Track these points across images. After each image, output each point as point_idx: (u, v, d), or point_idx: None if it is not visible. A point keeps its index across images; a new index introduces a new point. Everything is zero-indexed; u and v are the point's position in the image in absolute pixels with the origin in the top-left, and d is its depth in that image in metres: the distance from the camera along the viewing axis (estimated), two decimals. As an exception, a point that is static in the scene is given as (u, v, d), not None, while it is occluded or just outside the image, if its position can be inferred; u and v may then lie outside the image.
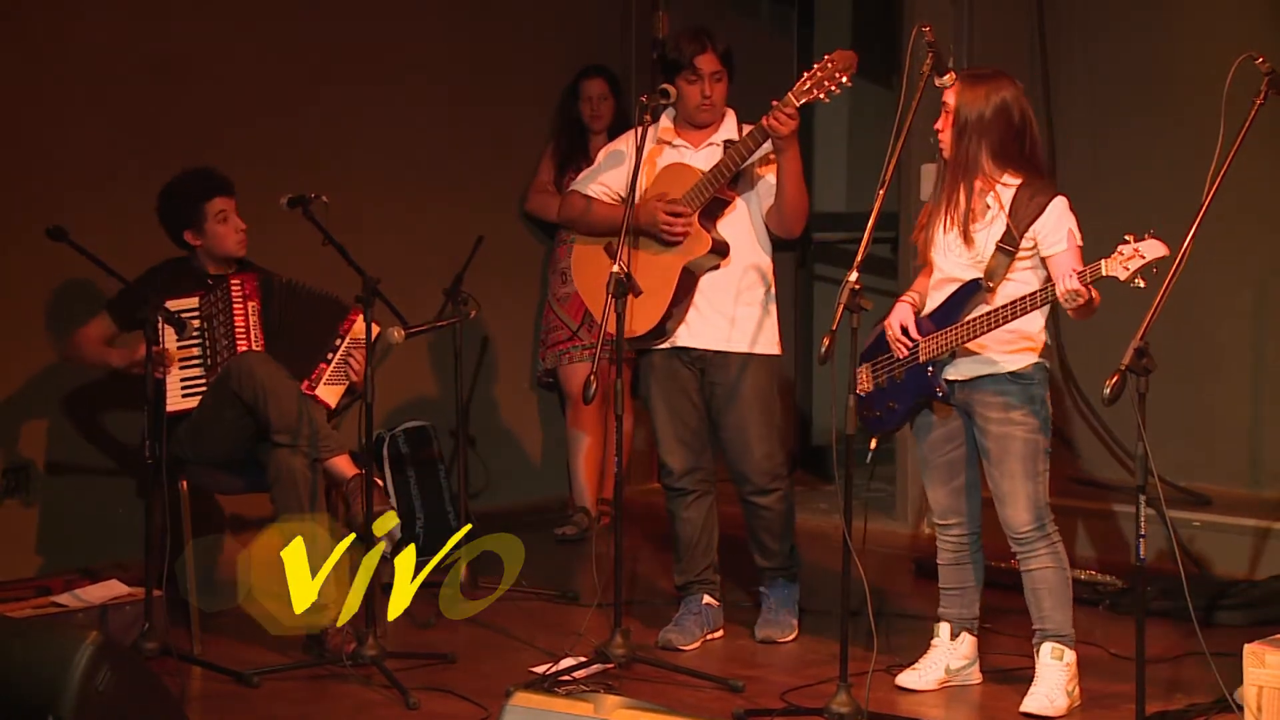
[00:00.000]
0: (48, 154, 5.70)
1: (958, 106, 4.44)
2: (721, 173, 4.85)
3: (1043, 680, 4.50)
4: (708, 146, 5.02)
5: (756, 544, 5.17)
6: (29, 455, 5.73)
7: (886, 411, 4.63)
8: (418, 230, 6.70)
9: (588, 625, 4.97)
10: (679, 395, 5.09)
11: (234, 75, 6.17)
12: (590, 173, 5.19)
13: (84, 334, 5.26)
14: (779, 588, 5.19)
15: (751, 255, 5.02)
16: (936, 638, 4.73)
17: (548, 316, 6.90)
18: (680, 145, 5.04)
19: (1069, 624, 4.53)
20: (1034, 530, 4.48)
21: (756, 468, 5.04)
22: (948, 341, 4.46)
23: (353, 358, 5.24)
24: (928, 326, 4.51)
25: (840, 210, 8.14)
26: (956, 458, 4.61)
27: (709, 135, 5.04)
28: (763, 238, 5.04)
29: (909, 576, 6.05)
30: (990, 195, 4.44)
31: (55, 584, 5.26)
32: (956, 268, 4.49)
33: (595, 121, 6.84)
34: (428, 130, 6.78)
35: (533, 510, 7.05)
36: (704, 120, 5.03)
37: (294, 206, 4.94)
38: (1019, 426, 4.46)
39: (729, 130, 5.03)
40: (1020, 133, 4.43)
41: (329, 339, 5.25)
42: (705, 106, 4.99)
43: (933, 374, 4.51)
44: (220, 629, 5.28)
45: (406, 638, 5.22)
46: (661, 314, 4.96)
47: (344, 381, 5.26)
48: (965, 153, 4.43)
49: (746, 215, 5.01)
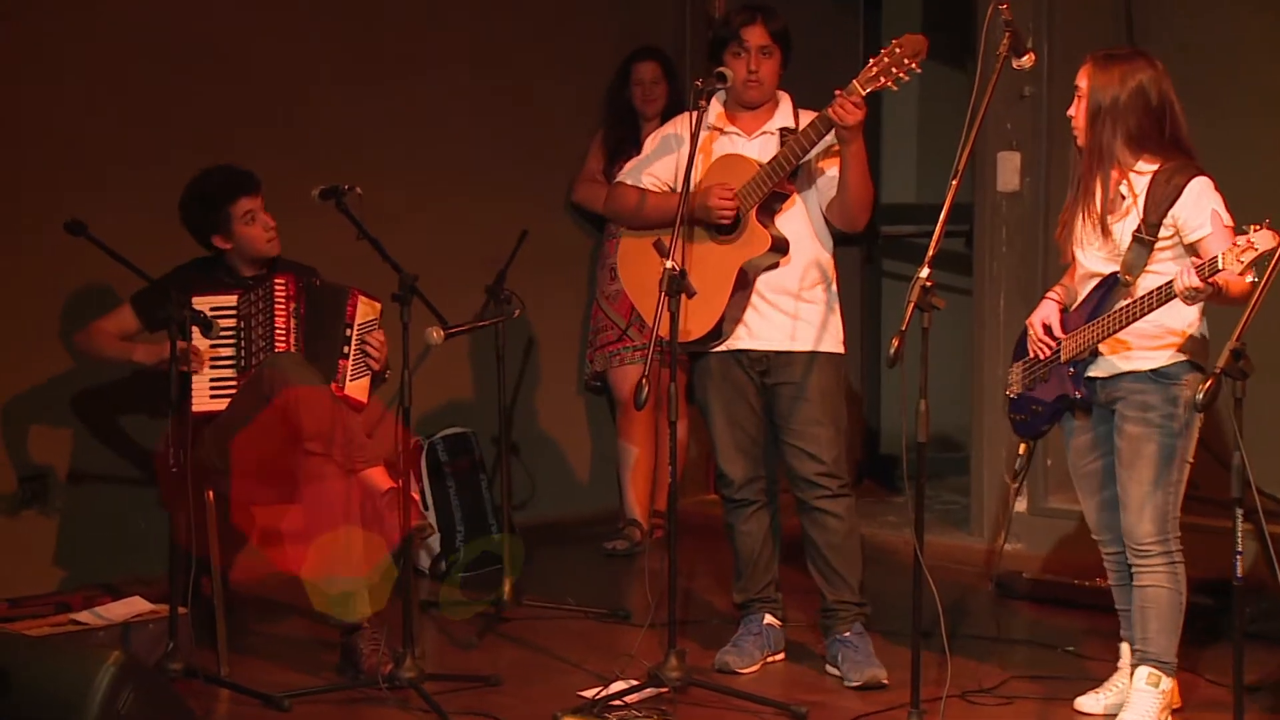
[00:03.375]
0: (65, 146, 5.76)
1: (1090, 90, 4.41)
2: (781, 166, 4.83)
3: (1134, 707, 4.46)
4: (761, 135, 5.00)
5: (822, 568, 5.08)
6: (46, 463, 5.78)
7: (1031, 415, 4.63)
8: (458, 224, 6.72)
9: (640, 646, 4.96)
10: (737, 400, 5.08)
11: (260, 63, 6.21)
12: (639, 162, 5.18)
13: (101, 326, 5.29)
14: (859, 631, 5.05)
15: (812, 251, 5.00)
16: (1121, 660, 4.69)
17: (596, 316, 6.91)
18: (732, 132, 5.02)
19: (1172, 651, 4.48)
20: (1155, 543, 4.44)
21: (824, 474, 5.01)
22: (1085, 340, 4.44)
23: (368, 344, 5.25)
24: (1072, 324, 4.51)
25: (910, 202, 8.11)
26: (1103, 466, 4.56)
27: (762, 122, 5.02)
28: (823, 233, 5.03)
29: (986, 596, 6.02)
30: (1124, 184, 4.41)
31: (75, 600, 5.30)
32: (1096, 262, 4.46)
33: (647, 107, 6.84)
34: (469, 118, 6.80)
35: (580, 523, 7.06)
36: (751, 99, 5.00)
37: (326, 199, 4.96)
38: (1156, 429, 4.40)
39: (784, 117, 5.01)
40: (1159, 116, 4.39)
41: (340, 330, 5.26)
42: (751, 83, 4.97)
43: (1073, 375, 4.50)
44: (249, 649, 5.31)
45: (446, 659, 5.24)
46: (718, 315, 4.95)
47: (367, 372, 5.27)
48: (1099, 140, 4.40)
49: (805, 210, 4.99)
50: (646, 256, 4.90)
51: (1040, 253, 6.27)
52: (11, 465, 5.70)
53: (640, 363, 6.58)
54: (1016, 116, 6.30)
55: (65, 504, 5.80)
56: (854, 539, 5.07)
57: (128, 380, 5.71)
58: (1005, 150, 6.31)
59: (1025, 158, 6.30)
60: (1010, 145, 6.33)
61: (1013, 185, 6.35)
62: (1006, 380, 4.72)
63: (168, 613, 4.91)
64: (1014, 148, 6.32)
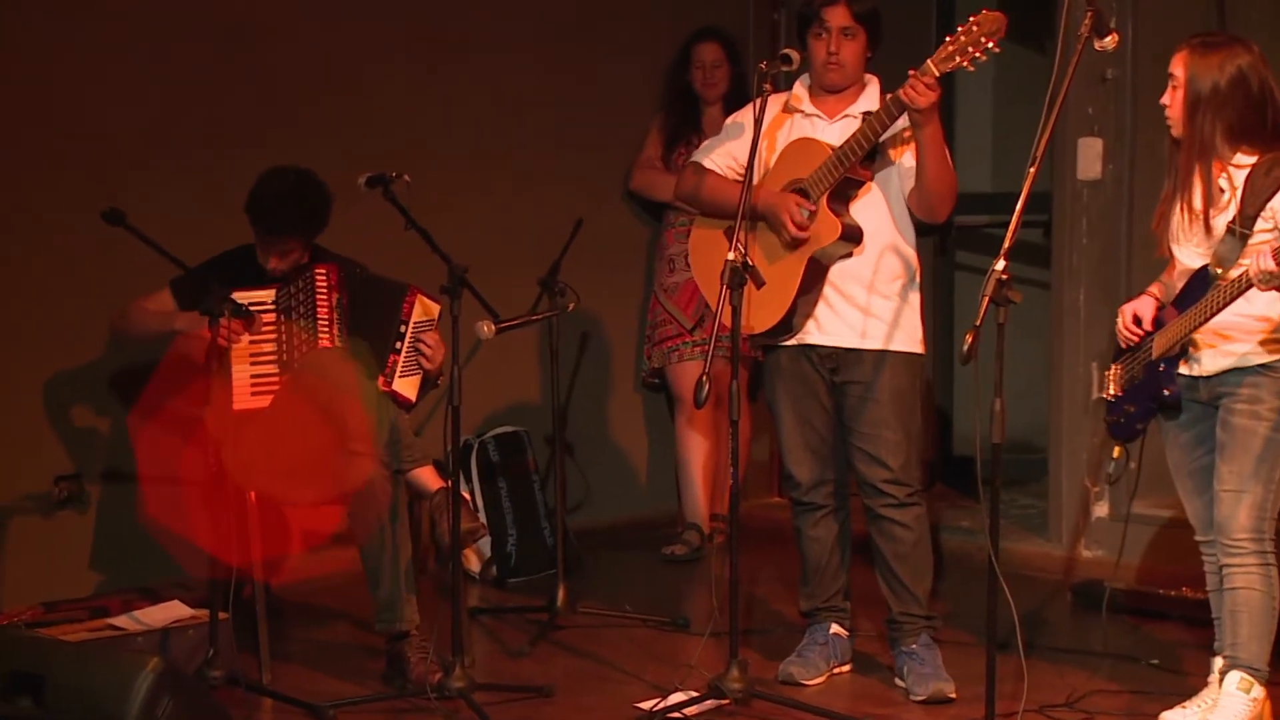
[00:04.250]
0: (102, 131, 5.79)
1: (1188, 79, 4.38)
2: (853, 150, 4.81)
3: (1223, 711, 4.43)
4: (843, 119, 4.98)
5: (888, 578, 5.07)
6: (83, 461, 5.82)
7: (1125, 415, 4.61)
8: (510, 213, 6.74)
9: (700, 656, 4.96)
10: (807, 398, 5.07)
11: (307, 46, 6.24)
12: (713, 143, 5.16)
13: (140, 304, 5.32)
14: (927, 644, 5.05)
15: (888, 242, 4.97)
16: (1211, 674, 4.66)
17: (655, 309, 6.91)
18: (813, 114, 5.01)
19: (1264, 659, 4.45)
20: (1250, 539, 4.41)
21: (890, 481, 5.00)
22: (1173, 335, 4.43)
23: (422, 343, 5.27)
24: (1166, 320, 4.49)
25: (985, 191, 8.07)
26: (1207, 465, 4.54)
27: (845, 105, 5.00)
28: (903, 222, 5.00)
29: (1064, 605, 5.99)
30: (1224, 178, 4.38)
31: (112, 604, 5.34)
32: (1194, 258, 4.44)
33: (709, 90, 6.84)
34: (522, 102, 6.81)
35: (638, 527, 7.07)
36: (831, 83, 4.99)
37: (373, 186, 4.97)
38: (1264, 423, 4.38)
39: (870, 100, 4.98)
40: (1260, 104, 4.36)
41: (393, 326, 5.28)
42: (832, 65, 4.96)
43: (1164, 372, 4.48)
44: (292, 656, 5.34)
45: (498, 668, 5.25)
46: (786, 308, 4.93)
47: (419, 371, 5.29)
48: (1199, 131, 4.38)
49: (883, 198, 4.96)
50: (719, 245, 4.89)
51: (1123, 244, 6.24)
52: (46, 463, 5.74)
53: (701, 358, 6.57)
54: (1098, 100, 6.26)
55: (102, 504, 5.84)
56: (922, 549, 5.05)
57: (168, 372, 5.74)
58: (1086, 136, 6.27)
59: (1107, 144, 6.26)
60: (1092, 131, 6.29)
61: (1094, 173, 6.31)
62: (1104, 381, 4.70)
63: (208, 618, 4.93)
64: (1095, 133, 6.28)
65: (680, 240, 6.69)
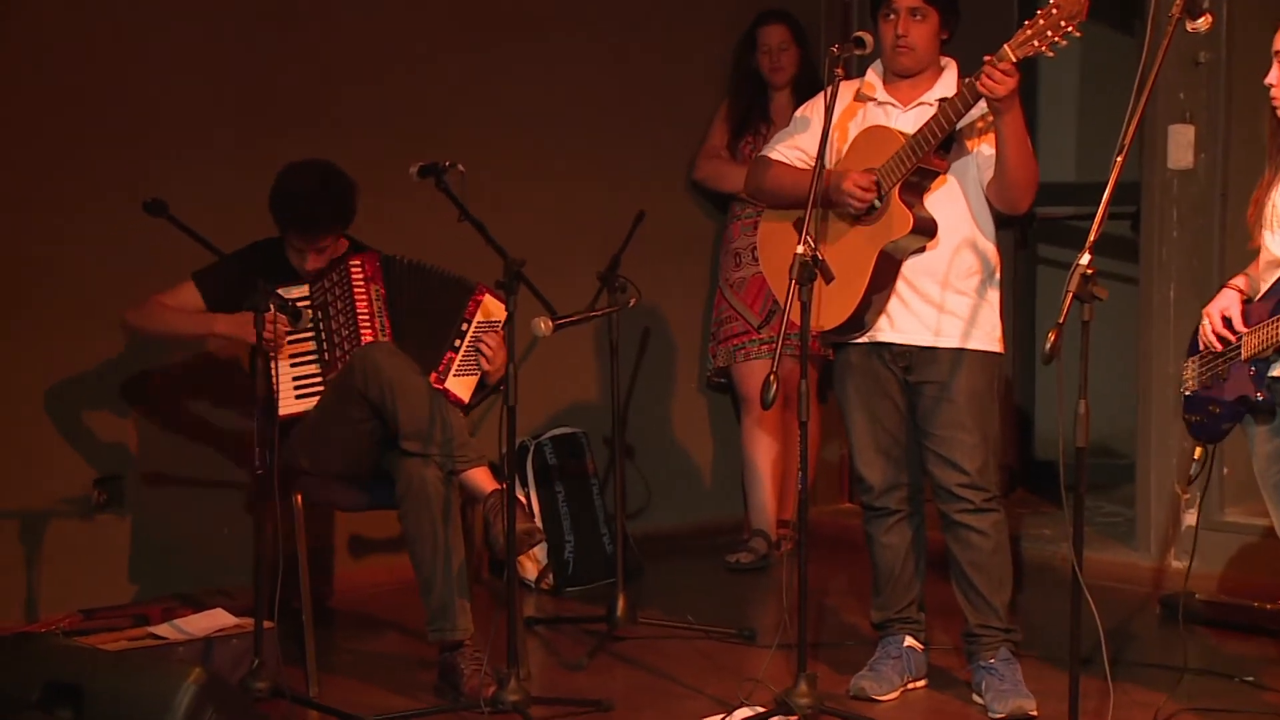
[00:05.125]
0: (140, 117, 5.82)
1: None
2: (927, 139, 4.80)
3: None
4: (918, 106, 4.96)
5: (965, 588, 5.05)
6: (123, 464, 5.87)
7: (1209, 415, 4.57)
8: (568, 204, 6.75)
9: (766, 670, 4.97)
10: (879, 398, 5.06)
11: (354, 25, 6.26)
12: (781, 135, 5.17)
13: (162, 300, 5.31)
14: (1005, 658, 5.02)
15: (965, 235, 4.95)
16: None
17: (720, 305, 6.91)
18: (886, 102, 5.00)
19: None
20: None
21: (966, 485, 4.98)
22: (1268, 336, 4.39)
23: (483, 343, 5.28)
24: (1255, 317, 4.45)
25: (1069, 181, 8.05)
26: None
27: (921, 91, 4.98)
28: (981, 215, 4.97)
29: (1152, 619, 5.96)
30: None
31: (153, 612, 5.38)
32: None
33: (776, 75, 6.83)
34: (579, 90, 6.82)
35: (702, 533, 7.07)
36: (902, 67, 4.98)
37: (425, 176, 4.99)
38: None
39: (947, 86, 4.96)
40: None
41: (454, 323, 5.30)
42: (901, 49, 4.95)
43: (1255, 374, 4.44)
44: (340, 667, 5.37)
45: (555, 681, 5.26)
46: (856, 304, 4.92)
47: (476, 372, 5.30)
48: None
49: (960, 188, 4.95)
50: (788, 238, 4.89)
51: (1216, 236, 6.19)
52: (84, 465, 5.78)
53: (768, 357, 6.57)
54: (1190, 85, 6.22)
55: (142, 508, 5.88)
56: (1000, 557, 5.02)
57: (209, 371, 5.78)
58: (1177, 123, 6.23)
59: (1200, 131, 6.22)
60: (1183, 117, 6.25)
61: (1185, 162, 6.27)
62: (1180, 377, 4.66)
63: (252, 627, 4.97)
64: (1187, 120, 6.24)
65: (747, 233, 6.69)
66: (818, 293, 4.70)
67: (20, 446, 5.63)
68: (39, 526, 5.67)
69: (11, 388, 5.61)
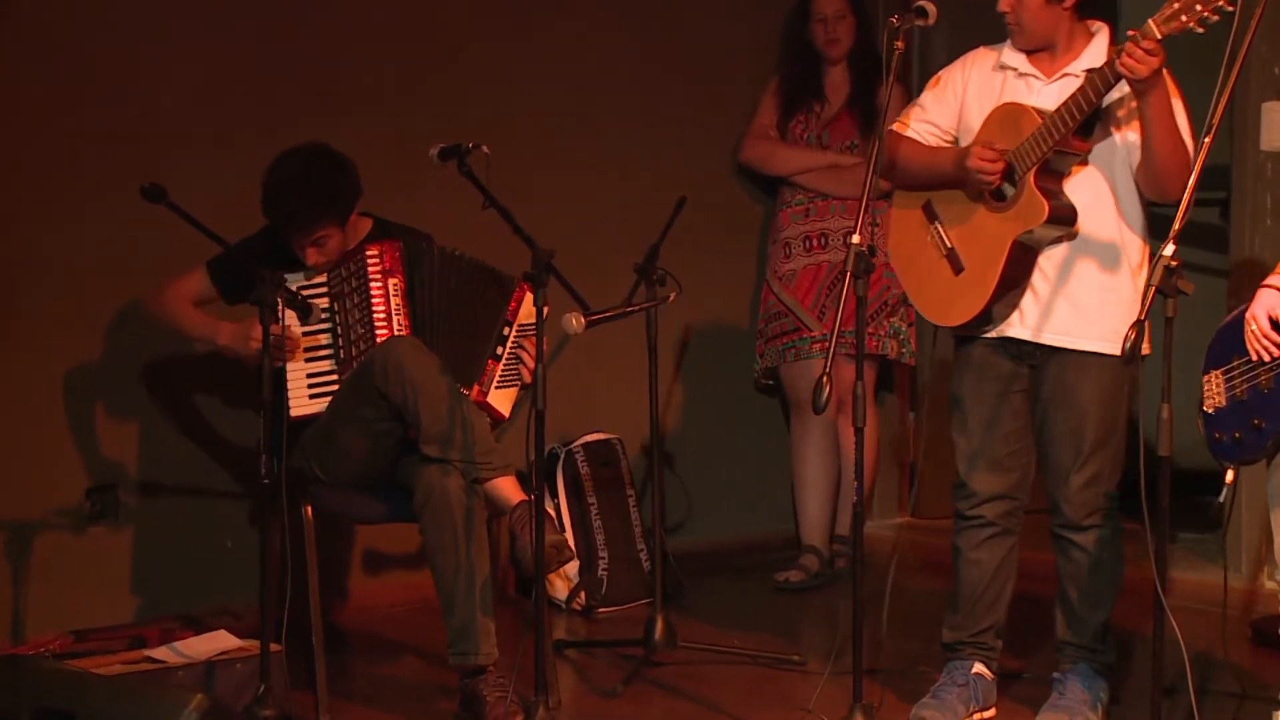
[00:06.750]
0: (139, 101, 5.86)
1: None
2: (1065, 118, 4.73)
3: None
4: (1063, 78, 4.89)
5: (1061, 600, 5.09)
6: (118, 472, 5.90)
7: (1250, 432, 4.54)
8: (601, 190, 6.76)
9: (818, 699, 4.97)
10: (999, 398, 5.02)
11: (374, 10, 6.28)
12: (916, 107, 5.11)
13: (178, 289, 5.35)
14: (1081, 674, 5.06)
15: (1109, 225, 4.89)
16: None
17: (768, 300, 6.91)
18: (1028, 74, 4.95)
19: None
20: None
21: (1074, 496, 4.97)
22: None
23: (524, 349, 5.29)
24: None
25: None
26: None
27: (1066, 62, 4.91)
28: (1127, 203, 4.91)
29: (1244, 644, 5.94)
30: None
31: (151, 634, 5.40)
32: None
33: (831, 48, 6.83)
34: (614, 66, 6.83)
35: (747, 549, 7.07)
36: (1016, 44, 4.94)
37: (447, 159, 4.99)
38: None
39: (1097, 55, 4.87)
40: None
41: (495, 326, 5.30)
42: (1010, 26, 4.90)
43: None
44: (353, 694, 5.39)
45: (587, 710, 5.27)
46: (987, 298, 4.90)
47: (517, 382, 5.31)
48: None
49: (1104, 175, 4.90)
50: (918, 228, 4.90)
51: (1313, 225, 6.18)
52: (76, 473, 5.81)
53: (820, 356, 6.57)
54: (1287, 59, 6.22)
55: (139, 521, 5.91)
56: (1101, 575, 5.02)
57: (211, 369, 5.80)
58: (1272, 100, 6.21)
59: (1297, 110, 6.21)
60: (1278, 94, 6.23)
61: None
62: (1198, 395, 4.58)
63: (258, 650, 4.98)
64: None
65: (797, 221, 6.69)
66: (944, 286, 4.69)
67: (5, 453, 5.66)
68: (26, 539, 5.70)
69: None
